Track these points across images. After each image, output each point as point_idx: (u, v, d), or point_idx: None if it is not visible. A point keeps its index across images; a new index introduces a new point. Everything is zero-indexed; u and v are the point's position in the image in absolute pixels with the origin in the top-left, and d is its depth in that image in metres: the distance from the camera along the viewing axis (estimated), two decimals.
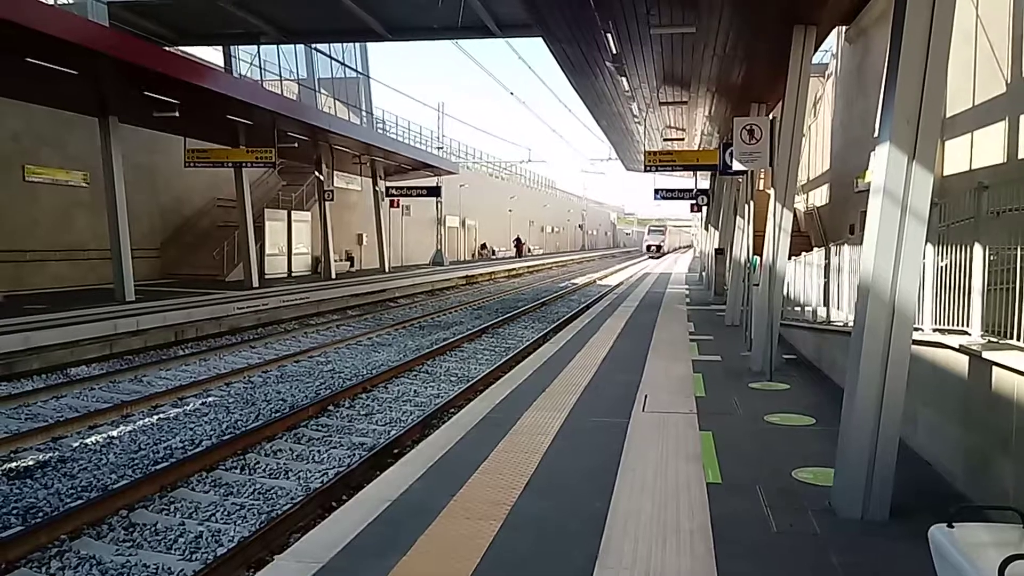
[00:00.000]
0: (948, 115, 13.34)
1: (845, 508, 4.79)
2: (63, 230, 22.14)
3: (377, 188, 34.79)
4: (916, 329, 5.65)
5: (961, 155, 13.30)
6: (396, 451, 7.81)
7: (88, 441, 8.34)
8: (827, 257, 10.51)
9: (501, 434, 6.67)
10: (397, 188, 35.12)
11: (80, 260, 22.43)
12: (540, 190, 78.43)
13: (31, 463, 7.51)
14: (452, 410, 9.55)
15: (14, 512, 6.26)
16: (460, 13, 20.91)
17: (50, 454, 7.84)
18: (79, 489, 6.85)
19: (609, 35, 10.61)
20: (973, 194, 5.47)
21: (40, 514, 6.24)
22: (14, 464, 7.49)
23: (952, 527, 2.71)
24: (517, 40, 26.69)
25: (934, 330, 6.15)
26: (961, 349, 5.30)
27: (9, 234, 19.92)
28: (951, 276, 5.86)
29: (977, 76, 12.23)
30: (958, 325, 5.74)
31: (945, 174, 13.54)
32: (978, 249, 5.33)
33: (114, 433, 8.67)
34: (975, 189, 5.45)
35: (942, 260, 6.05)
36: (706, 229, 31.00)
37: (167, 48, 21.58)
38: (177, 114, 17.33)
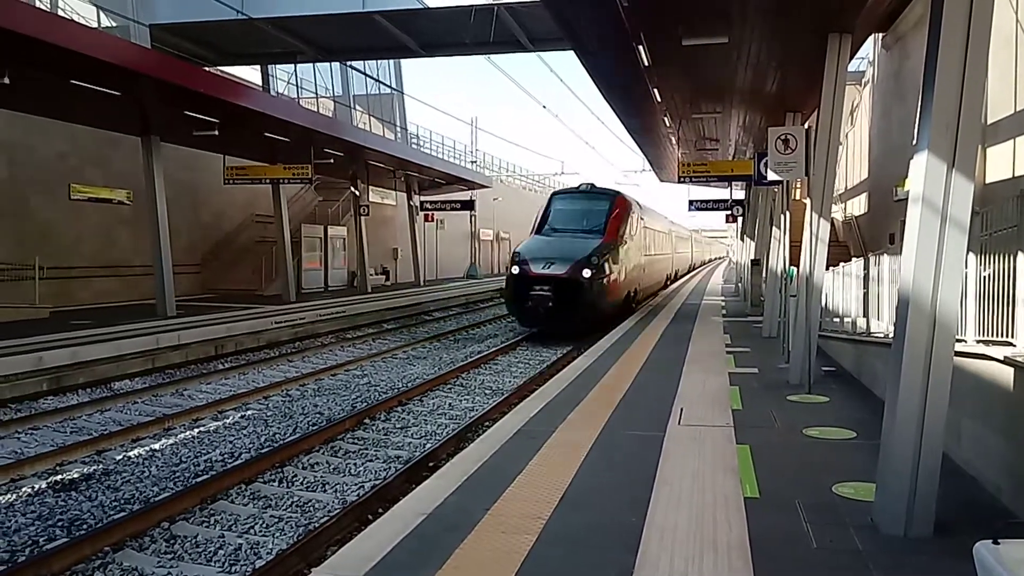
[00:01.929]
0: (989, 122, 13.09)
1: (887, 524, 4.69)
2: (107, 247, 22.71)
3: (412, 202, 35.11)
4: (959, 340, 5.52)
5: (1004, 162, 13.02)
6: (431, 464, 7.83)
7: (131, 454, 8.51)
8: (866, 267, 10.35)
9: (536, 447, 6.65)
10: (431, 202, 35.41)
11: (124, 276, 22.96)
12: None
13: (76, 476, 7.68)
14: (486, 423, 9.56)
15: (59, 524, 6.40)
16: (492, 28, 21.10)
17: (95, 467, 8.00)
18: (122, 501, 6.98)
19: (640, 47, 10.61)
20: (1016, 202, 5.36)
21: (84, 526, 6.37)
22: (60, 476, 7.66)
23: (998, 544, 2.63)
24: (548, 53, 26.73)
25: (978, 341, 6.01)
26: (1006, 361, 5.17)
27: (56, 251, 20.46)
28: (995, 286, 5.74)
29: (1019, 81, 11.99)
30: (1003, 336, 5.61)
31: (987, 181, 13.28)
32: (1022, 258, 5.21)
33: (156, 446, 8.84)
34: (1018, 196, 5.33)
35: (985, 269, 5.93)
36: (742, 240, 30.70)
37: (207, 68, 22.09)
38: (216, 132, 17.71)
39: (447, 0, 21.85)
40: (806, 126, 12.54)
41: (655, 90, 13.55)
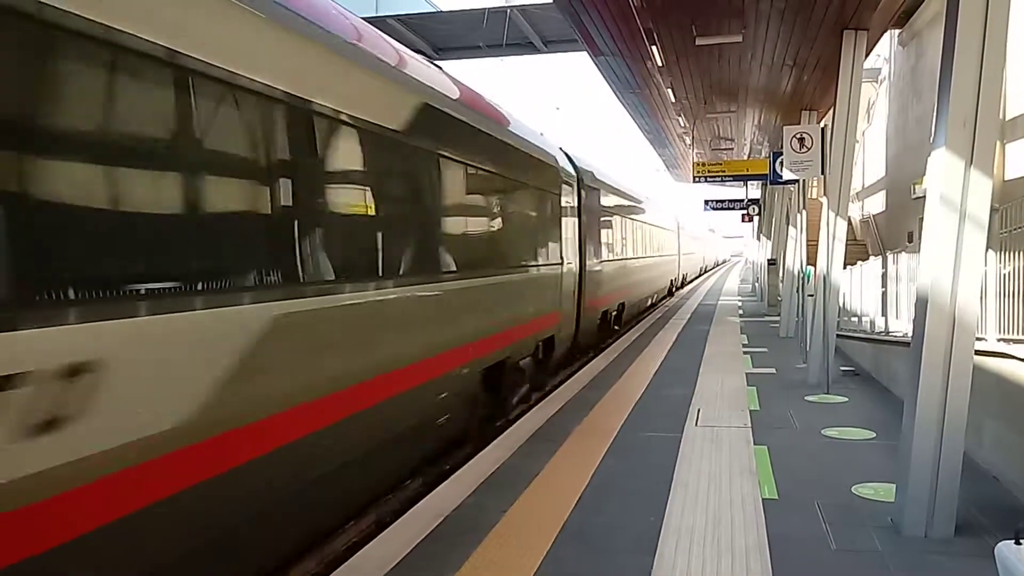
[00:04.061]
0: (1009, 117, 12.96)
1: (908, 525, 4.64)
2: None
3: None
4: (979, 339, 5.47)
5: (1023, 158, 12.88)
6: (448, 466, 7.84)
7: None
8: (884, 266, 10.28)
9: (552, 449, 6.65)
10: None
11: None
12: None
13: None
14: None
15: None
16: (505, 31, 21.15)
17: None
18: None
19: (654, 47, 10.59)
20: None
21: None
22: None
23: (1020, 543, 2.61)
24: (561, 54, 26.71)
25: (998, 340, 5.95)
26: None
27: None
28: (1015, 283, 5.68)
29: None
30: None
31: (1007, 178, 13.14)
32: None
33: None
34: None
35: (1005, 267, 5.87)
36: (758, 239, 30.56)
37: None
38: None
39: (460, 3, 21.97)
40: (822, 124, 12.48)
41: (669, 90, 13.51)
